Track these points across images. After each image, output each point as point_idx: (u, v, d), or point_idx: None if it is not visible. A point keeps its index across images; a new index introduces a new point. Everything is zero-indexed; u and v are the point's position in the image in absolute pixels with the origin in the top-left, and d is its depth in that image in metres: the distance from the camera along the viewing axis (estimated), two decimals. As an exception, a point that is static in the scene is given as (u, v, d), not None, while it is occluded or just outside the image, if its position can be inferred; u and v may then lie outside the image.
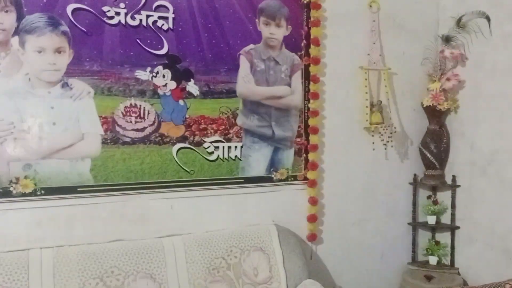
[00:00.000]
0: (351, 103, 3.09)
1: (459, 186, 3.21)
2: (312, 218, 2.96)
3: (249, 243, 2.60)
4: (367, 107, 3.07)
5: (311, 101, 2.93)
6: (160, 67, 2.54)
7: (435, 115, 3.22)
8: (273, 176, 2.88)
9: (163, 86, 2.56)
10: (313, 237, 2.97)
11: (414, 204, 3.32)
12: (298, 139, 2.94)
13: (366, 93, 3.08)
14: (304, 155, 2.96)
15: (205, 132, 2.68)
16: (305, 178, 2.96)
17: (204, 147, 2.68)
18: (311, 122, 2.94)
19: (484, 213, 3.04)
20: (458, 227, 3.21)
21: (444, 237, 3.30)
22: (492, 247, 2.99)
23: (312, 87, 2.93)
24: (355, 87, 3.09)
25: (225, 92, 2.71)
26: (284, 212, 2.91)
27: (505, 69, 2.90)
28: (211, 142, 2.69)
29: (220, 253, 2.51)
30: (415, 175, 3.32)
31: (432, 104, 3.15)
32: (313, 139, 2.94)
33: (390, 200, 3.28)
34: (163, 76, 2.56)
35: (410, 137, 3.33)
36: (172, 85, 2.58)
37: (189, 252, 2.45)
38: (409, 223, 3.33)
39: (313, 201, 2.95)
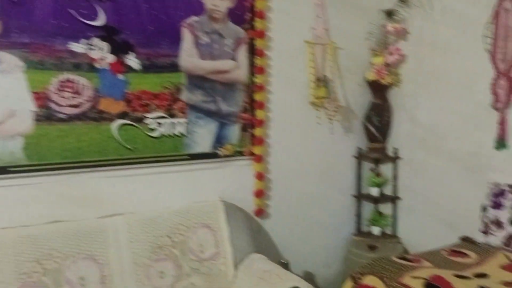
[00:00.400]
0: (297, 78, 3.08)
1: (400, 158, 3.30)
2: (259, 194, 2.96)
3: (195, 220, 2.57)
4: (312, 81, 3.07)
5: (257, 75, 2.89)
6: (96, 40, 2.41)
7: (378, 90, 3.27)
8: (219, 152, 2.83)
9: (101, 59, 2.43)
10: (260, 212, 2.98)
11: (358, 176, 3.40)
12: (244, 115, 2.90)
13: (312, 67, 3.07)
14: (251, 130, 2.93)
15: (147, 108, 2.59)
16: (252, 154, 2.94)
17: (146, 123, 2.59)
18: (257, 97, 2.91)
19: (424, 184, 3.16)
20: (399, 198, 3.32)
21: (386, 208, 3.41)
22: (431, 216, 3.12)
23: (258, 61, 2.89)
24: (301, 61, 3.07)
25: (167, 66, 2.62)
26: (231, 188, 2.89)
27: (444, 44, 2.97)
28: (153, 118, 2.61)
29: (165, 231, 2.46)
30: (359, 148, 3.38)
31: (376, 78, 3.19)
32: (259, 114, 2.92)
33: (335, 174, 3.34)
34: (100, 49, 2.42)
35: (355, 111, 3.37)
36: (111, 58, 2.46)
37: (133, 231, 2.39)
38: (353, 196, 3.41)
39: (260, 177, 2.95)
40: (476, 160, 2.82)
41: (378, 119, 3.27)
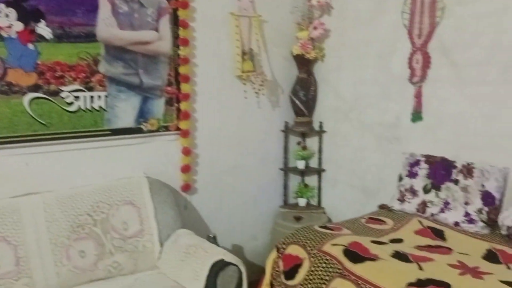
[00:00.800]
0: (223, 51, 3.04)
1: (325, 131, 3.39)
2: (186, 169, 2.91)
3: (118, 197, 2.49)
4: (238, 55, 3.04)
5: (181, 47, 2.81)
6: (1, 5, 2.21)
7: (304, 64, 3.31)
8: (143, 127, 2.74)
9: (7, 27, 2.24)
10: (187, 187, 2.94)
11: (285, 150, 3.45)
12: (169, 88, 2.82)
13: (238, 40, 3.04)
14: (176, 104, 2.86)
15: (62, 80, 2.43)
16: (178, 128, 2.88)
17: (62, 97, 2.44)
18: (182, 70, 2.83)
19: (347, 156, 3.27)
20: (324, 170, 3.42)
21: (312, 180, 3.50)
22: (353, 186, 3.25)
23: (182, 32, 2.80)
24: (226, 34, 3.03)
25: (83, 35, 2.47)
26: (157, 164, 2.82)
27: (366, 19, 3.05)
28: (70, 92, 2.46)
29: (85, 210, 2.36)
30: (286, 122, 3.42)
31: (301, 52, 3.22)
32: (184, 87, 2.85)
33: (263, 147, 3.36)
34: (6, 15, 2.23)
35: (281, 86, 3.40)
36: (19, 26, 2.27)
37: (49, 210, 2.27)
38: (280, 169, 3.46)
39: (186, 152, 2.90)
40: (395, 132, 2.95)
41: (304, 93, 3.32)
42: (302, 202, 3.43)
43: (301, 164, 3.41)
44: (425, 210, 2.54)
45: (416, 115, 2.82)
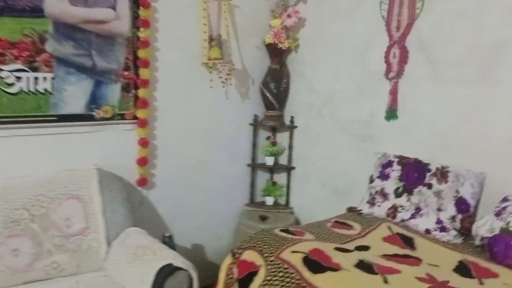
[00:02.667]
0: (189, 36, 2.81)
1: (296, 127, 3.20)
2: (142, 161, 2.69)
3: (62, 191, 2.25)
4: (205, 40, 2.82)
5: (141, 29, 2.58)
6: None
7: (276, 54, 3.11)
8: (95, 114, 2.50)
9: None
10: (143, 181, 2.72)
11: (254, 145, 3.25)
12: (126, 73, 2.58)
13: (205, 25, 2.81)
14: (134, 91, 2.62)
15: (2, 59, 2.18)
16: (135, 117, 2.64)
17: (1, 77, 2.19)
18: (141, 53, 2.60)
19: (318, 153, 3.09)
20: (294, 168, 3.24)
21: (281, 178, 3.31)
22: (323, 186, 3.07)
23: (142, 13, 2.57)
24: (193, 17, 2.80)
25: (28, 10, 2.22)
26: (110, 155, 2.58)
27: (344, 10, 2.86)
28: (10, 71, 2.21)
29: (21, 203, 2.12)
30: (255, 115, 3.22)
31: (273, 41, 3.02)
32: (143, 73, 2.62)
33: (230, 141, 3.16)
34: None
35: (252, 76, 3.19)
36: (-50, -6, 2.00)
37: (-22, 203, 2.02)
38: (248, 165, 3.26)
39: (144, 143, 2.67)
40: (368, 130, 2.78)
41: (275, 85, 3.13)
42: (269, 200, 3.25)
43: (270, 161, 3.23)
44: (395, 215, 2.37)
45: (391, 113, 2.65)
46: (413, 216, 2.30)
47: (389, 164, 2.54)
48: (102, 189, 2.37)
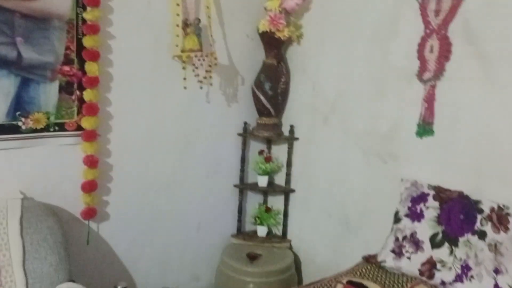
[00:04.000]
0: (156, 19, 2.15)
1: (297, 138, 2.54)
2: (89, 186, 2.03)
3: (-40, 234, 1.59)
4: (178, 26, 2.14)
5: (88, 8, 1.92)
6: None
7: (273, 45, 2.46)
8: (21, 124, 1.85)
9: None
10: (90, 213, 2.05)
11: (243, 160, 2.59)
12: (67, 68, 1.93)
13: (178, 5, 2.14)
14: (78, 92, 1.96)
15: None
16: (79, 128, 1.99)
17: None
18: (88, 42, 1.94)
19: (324, 173, 2.44)
20: (293, 190, 2.58)
21: (277, 202, 2.66)
22: (330, 215, 2.41)
23: (89, -14, 1.89)
24: (162, -5, 2.12)
25: None
26: (43, 179, 1.94)
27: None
28: None
29: None
30: (245, 123, 2.55)
31: (269, 29, 2.36)
32: (91, 68, 1.96)
33: (212, 157, 2.49)
34: None
35: (241, 74, 2.52)
36: None
37: None
38: (235, 185, 2.61)
39: (91, 162, 2.01)
40: (391, 147, 2.12)
41: (271, 85, 2.48)
42: (261, 231, 2.60)
43: (263, 181, 2.58)
44: (433, 274, 1.69)
45: (425, 127, 1.98)
46: (459, 278, 1.63)
47: (422, 197, 1.87)
48: (24, 229, 1.73)
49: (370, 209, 2.20)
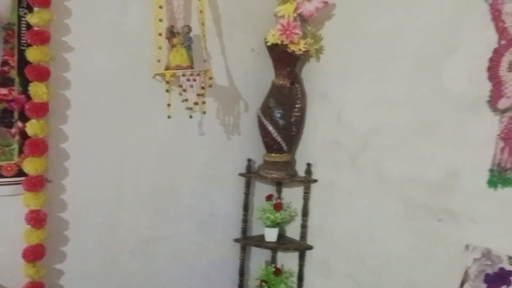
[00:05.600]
0: (131, 25, 1.67)
1: (315, 181, 2.05)
2: (34, 253, 1.53)
3: None
4: (160, 35, 1.63)
5: (35, 10, 1.46)
6: None
7: (286, 62, 2.01)
8: None
9: None
10: (35, 289, 1.50)
11: (246, 208, 2.10)
12: (3, 91, 1.43)
13: (161, 7, 1.63)
14: (19, 124, 1.45)
15: None
16: (20, 173, 1.48)
17: None
18: (33, 54, 1.47)
19: (351, 228, 1.92)
20: (310, 247, 2.08)
21: (289, 261, 2.15)
22: (358, 284, 1.88)
23: (35, -21, 1.40)
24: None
25: None
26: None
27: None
28: None
29: None
30: (249, 161, 2.06)
31: (281, 41, 1.90)
32: (37, 90, 1.48)
33: (205, 204, 2.00)
34: None
35: (244, 98, 2.05)
36: None
37: None
38: (236, 240, 2.10)
39: (37, 220, 1.52)
40: (447, 200, 1.58)
41: (282, 113, 2.03)
42: None
43: (271, 234, 2.09)
44: None
45: (500, 175, 1.44)
46: None
47: (503, 277, 1.35)
48: None
49: (416, 283, 1.64)
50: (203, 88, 1.73)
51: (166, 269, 1.87)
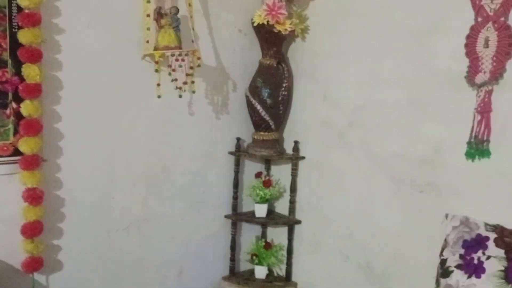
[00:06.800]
0: (120, 7, 1.71)
1: (303, 158, 2.11)
2: (32, 230, 1.60)
3: None
4: (148, 17, 1.66)
5: (25, -8, 1.45)
6: None
7: (272, 42, 2.06)
8: None
9: None
10: (34, 264, 1.62)
11: (236, 185, 2.16)
12: (-3, 72, 1.45)
13: (149, -11, 1.65)
14: (13, 105, 1.50)
15: None
16: (16, 152, 1.53)
17: None
18: (25, 37, 1.51)
19: (339, 203, 1.99)
20: (299, 222, 2.15)
21: (279, 236, 2.22)
22: (346, 257, 1.96)
23: (25, -40, 1.43)
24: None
25: None
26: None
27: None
28: None
29: None
30: (238, 139, 2.12)
31: (267, 22, 1.94)
32: (30, 72, 1.52)
33: (196, 182, 2.07)
34: None
35: (232, 78, 2.10)
36: None
37: None
38: (227, 216, 2.17)
39: (34, 197, 1.58)
40: (431, 173, 1.67)
41: (269, 92, 2.08)
42: (260, 271, 2.18)
43: (261, 210, 2.17)
44: None
45: (478, 147, 1.53)
46: None
47: (479, 242, 1.43)
48: None
49: (402, 254, 1.74)
50: (191, 68, 1.78)
51: (158, 246, 1.95)
